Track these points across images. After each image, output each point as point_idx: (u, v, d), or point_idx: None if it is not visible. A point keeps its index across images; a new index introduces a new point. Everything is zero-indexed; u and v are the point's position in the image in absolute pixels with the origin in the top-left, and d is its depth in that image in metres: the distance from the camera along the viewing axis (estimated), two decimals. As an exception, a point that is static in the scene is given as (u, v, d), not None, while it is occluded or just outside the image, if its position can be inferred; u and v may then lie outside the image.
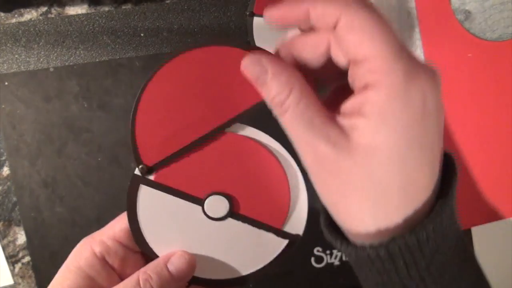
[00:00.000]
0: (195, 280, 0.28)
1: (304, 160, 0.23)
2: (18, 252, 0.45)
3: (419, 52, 0.42)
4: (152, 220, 0.28)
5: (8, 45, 0.42)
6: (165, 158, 0.27)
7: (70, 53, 0.43)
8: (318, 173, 0.23)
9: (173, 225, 0.28)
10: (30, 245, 0.45)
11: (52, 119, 0.43)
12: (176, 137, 0.27)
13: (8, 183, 0.44)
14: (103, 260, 0.27)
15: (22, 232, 0.45)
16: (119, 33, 0.43)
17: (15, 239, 0.45)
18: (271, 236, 0.28)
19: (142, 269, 0.27)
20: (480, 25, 0.42)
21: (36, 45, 0.42)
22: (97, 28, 0.42)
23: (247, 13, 0.42)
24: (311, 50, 0.24)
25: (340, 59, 0.23)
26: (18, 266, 0.46)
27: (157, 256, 0.28)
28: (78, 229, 0.44)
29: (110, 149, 0.44)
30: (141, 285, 0.26)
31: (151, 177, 0.27)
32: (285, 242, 0.29)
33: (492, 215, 0.45)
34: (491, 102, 0.43)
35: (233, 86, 0.26)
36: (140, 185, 0.27)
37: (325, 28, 0.23)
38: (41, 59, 0.43)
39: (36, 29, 0.42)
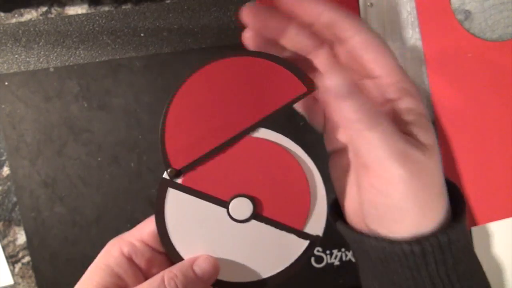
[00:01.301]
0: (218, 283, 0.29)
1: (397, 167, 0.25)
2: (18, 252, 0.45)
3: (419, 52, 0.42)
4: (179, 223, 0.28)
5: (8, 45, 0.42)
6: (192, 162, 0.28)
7: (70, 53, 0.43)
8: (409, 175, 0.25)
9: (199, 228, 0.29)
10: (30, 245, 0.45)
11: (52, 119, 0.43)
12: (203, 141, 0.28)
13: (8, 183, 0.44)
14: (130, 260, 0.28)
15: (22, 232, 0.45)
16: (119, 33, 0.43)
17: (15, 239, 0.45)
18: (292, 237, 0.29)
19: (168, 269, 0.27)
20: (480, 25, 0.42)
21: (36, 45, 0.42)
22: (97, 28, 0.42)
23: (247, 13, 0.43)
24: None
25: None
26: (18, 266, 0.46)
27: (182, 259, 0.29)
28: (78, 229, 0.44)
29: (110, 149, 0.44)
30: (166, 283, 0.26)
31: (179, 181, 0.28)
32: (306, 243, 0.29)
33: (492, 215, 0.45)
34: (491, 102, 0.43)
35: (257, 93, 0.27)
36: (168, 188, 0.28)
37: (328, 37, 0.27)
38: (41, 59, 0.43)
39: (36, 29, 0.42)
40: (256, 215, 0.29)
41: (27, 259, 0.45)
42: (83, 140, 0.44)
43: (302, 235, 0.29)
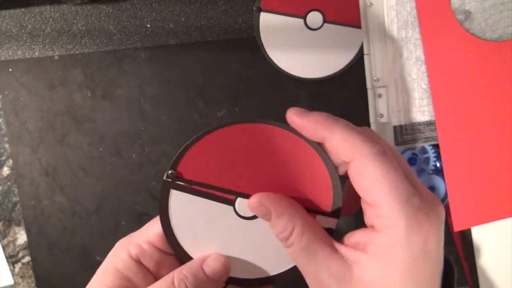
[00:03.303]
0: (230, 280, 0.29)
1: None
2: (18, 252, 0.45)
3: (419, 53, 0.43)
4: (185, 224, 0.28)
5: (14, 31, 0.42)
6: (197, 182, 0.28)
7: (75, 42, 0.43)
8: None
9: (206, 227, 0.28)
10: (30, 245, 0.44)
11: (55, 108, 0.43)
12: (214, 177, 0.28)
13: (8, 183, 0.44)
14: (139, 262, 0.28)
15: (22, 232, 0.44)
16: (125, 24, 0.43)
17: (15, 239, 0.45)
18: None
19: (178, 269, 0.27)
20: (480, 25, 0.43)
21: (41, 33, 0.42)
22: (103, 18, 0.43)
23: (254, 8, 0.43)
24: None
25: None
26: (18, 266, 0.45)
27: (191, 259, 0.28)
28: (78, 219, 0.44)
29: (112, 139, 0.43)
30: (176, 284, 0.26)
31: (181, 182, 0.28)
32: None
33: (492, 215, 0.45)
34: (491, 102, 0.44)
35: (294, 181, 0.27)
36: (171, 190, 0.28)
37: (338, 159, 0.26)
38: (46, 47, 0.42)
39: (42, 16, 0.42)
40: None
41: (27, 259, 0.45)
42: (86, 129, 0.43)
43: None
